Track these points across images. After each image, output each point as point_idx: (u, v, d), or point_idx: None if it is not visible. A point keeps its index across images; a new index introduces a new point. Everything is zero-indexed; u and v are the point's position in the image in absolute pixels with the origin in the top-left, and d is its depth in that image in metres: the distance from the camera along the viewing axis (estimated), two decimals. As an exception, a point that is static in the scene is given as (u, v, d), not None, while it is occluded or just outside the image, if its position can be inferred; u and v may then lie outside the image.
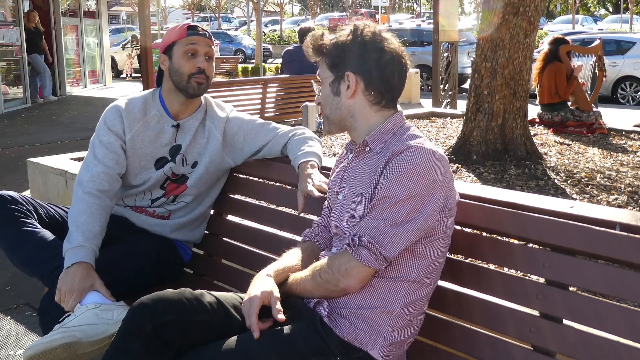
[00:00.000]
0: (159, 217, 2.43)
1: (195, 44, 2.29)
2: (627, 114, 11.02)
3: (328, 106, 1.80)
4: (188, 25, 2.34)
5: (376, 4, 24.38)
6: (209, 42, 2.34)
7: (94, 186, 2.24)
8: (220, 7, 43.78)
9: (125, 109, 2.34)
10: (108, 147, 2.30)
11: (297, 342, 1.61)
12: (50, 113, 11.31)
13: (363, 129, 1.77)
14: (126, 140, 2.32)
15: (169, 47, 2.33)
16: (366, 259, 1.61)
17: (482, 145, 5.11)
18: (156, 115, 2.35)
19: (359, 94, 1.75)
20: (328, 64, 1.78)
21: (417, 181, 1.60)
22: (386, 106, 1.77)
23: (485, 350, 1.73)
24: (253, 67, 19.43)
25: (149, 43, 8.30)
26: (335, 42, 1.76)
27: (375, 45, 1.73)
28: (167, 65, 2.33)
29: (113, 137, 2.31)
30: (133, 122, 2.33)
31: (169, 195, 2.41)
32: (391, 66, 1.74)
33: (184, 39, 2.30)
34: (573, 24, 30.80)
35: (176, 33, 2.33)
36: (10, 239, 2.21)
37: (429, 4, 43.36)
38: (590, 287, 1.60)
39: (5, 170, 6.85)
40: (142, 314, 1.66)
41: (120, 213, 2.42)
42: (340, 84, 1.76)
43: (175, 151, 2.37)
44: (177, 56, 2.30)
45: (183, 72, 2.29)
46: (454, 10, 10.29)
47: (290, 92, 7.75)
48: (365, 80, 1.74)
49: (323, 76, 1.80)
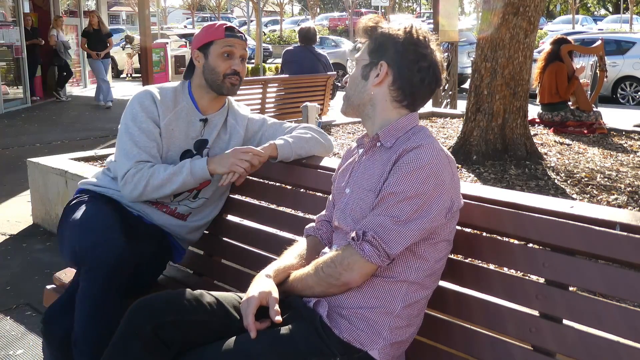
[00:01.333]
0: (178, 217, 2.41)
1: (233, 46, 2.32)
2: (627, 114, 11.02)
3: (353, 87, 1.82)
4: (226, 26, 2.35)
5: (376, 4, 24.38)
6: (244, 44, 2.36)
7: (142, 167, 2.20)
8: (220, 7, 43.80)
9: (159, 96, 2.32)
10: (148, 134, 2.26)
11: (297, 342, 1.61)
12: (50, 113, 11.31)
13: (378, 120, 1.79)
14: (161, 128, 2.30)
15: (206, 45, 2.33)
16: (369, 255, 1.61)
17: (482, 145, 5.12)
18: (185, 107, 2.35)
19: (385, 86, 1.77)
20: (370, 47, 1.80)
21: (425, 180, 1.60)
22: (406, 107, 1.78)
23: (485, 350, 1.73)
24: (253, 67, 19.43)
25: (149, 43, 8.30)
26: (386, 31, 1.78)
27: (418, 49, 1.74)
28: (202, 62, 2.34)
29: (152, 125, 2.27)
30: (166, 110, 2.31)
31: (192, 189, 2.40)
32: (424, 74, 1.75)
33: (222, 39, 2.31)
34: (573, 24, 30.80)
35: (214, 32, 2.33)
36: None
37: (429, 4, 43.36)
38: (590, 287, 1.60)
39: (5, 170, 6.85)
40: (141, 314, 1.66)
41: (138, 209, 2.36)
42: (372, 70, 1.77)
43: (201, 145, 2.37)
44: (214, 55, 2.31)
45: (219, 71, 2.31)
46: (454, 10, 10.29)
47: (290, 92, 7.75)
48: (395, 75, 1.75)
49: (360, 57, 1.82)
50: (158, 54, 13.95)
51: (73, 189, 4.41)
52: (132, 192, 2.20)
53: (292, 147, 2.32)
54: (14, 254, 4.38)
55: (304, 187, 2.39)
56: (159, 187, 2.20)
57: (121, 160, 2.24)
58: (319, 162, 2.34)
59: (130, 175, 2.20)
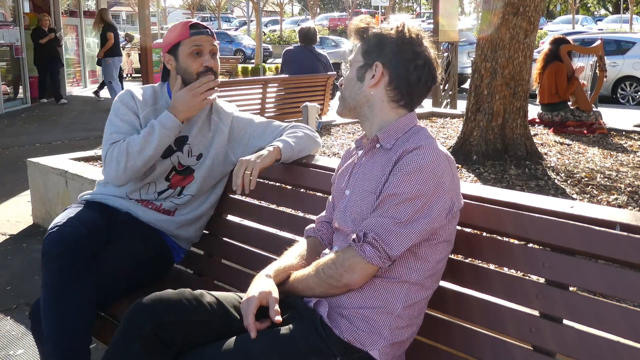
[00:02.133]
0: (165, 212, 2.42)
1: (200, 44, 2.33)
2: (627, 114, 11.02)
3: (349, 89, 1.82)
4: (190, 24, 2.35)
5: (376, 4, 24.34)
6: (211, 39, 2.37)
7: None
8: (220, 7, 43.82)
9: (137, 93, 2.39)
10: (130, 123, 2.32)
11: (297, 342, 1.61)
12: (50, 113, 11.30)
13: (376, 121, 1.78)
14: (140, 119, 2.34)
15: (174, 48, 2.35)
16: (370, 256, 1.61)
17: (482, 145, 5.12)
18: (164, 106, 2.37)
19: (381, 87, 1.76)
20: (363, 49, 1.79)
21: (426, 181, 1.60)
22: (404, 106, 1.78)
23: (485, 350, 1.73)
24: (253, 67, 19.44)
25: (149, 43, 8.30)
26: (378, 32, 1.78)
27: (413, 47, 1.74)
28: (174, 65, 2.36)
29: (134, 117, 2.33)
30: (144, 105, 2.36)
31: (175, 186, 2.42)
32: (420, 72, 1.74)
33: (188, 39, 2.32)
34: (573, 24, 30.82)
35: (179, 33, 2.34)
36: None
37: (429, 4, 43.36)
38: (590, 287, 1.60)
39: (5, 170, 6.84)
40: (141, 314, 1.66)
41: (125, 207, 2.40)
42: (367, 72, 1.77)
43: (182, 142, 2.40)
44: (184, 56, 2.33)
45: (191, 71, 2.32)
46: (454, 10, 10.30)
47: (290, 92, 7.75)
48: (391, 75, 1.75)
49: (354, 59, 1.82)
50: (158, 54, 13.96)
51: (73, 189, 4.41)
52: (116, 170, 2.22)
53: (293, 148, 2.33)
54: (14, 254, 4.38)
55: (304, 187, 2.40)
56: (139, 152, 2.22)
57: (104, 148, 2.28)
58: (319, 162, 2.34)
59: (109, 155, 2.23)
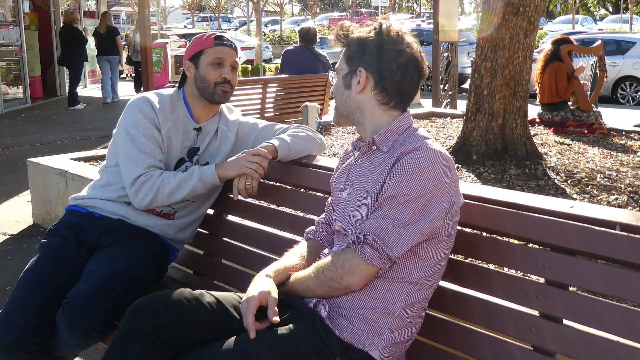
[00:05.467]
0: (164, 216, 2.42)
1: (222, 55, 2.34)
2: (627, 114, 11.01)
3: (339, 97, 1.82)
4: (215, 35, 2.38)
5: (376, 4, 24.33)
6: (234, 53, 2.39)
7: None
8: (220, 7, 43.79)
9: (154, 101, 2.34)
10: (152, 140, 2.27)
11: (297, 342, 1.61)
12: (50, 113, 11.30)
13: (369, 126, 1.78)
14: (162, 134, 2.31)
15: (196, 55, 2.36)
16: (370, 258, 1.61)
17: (482, 145, 5.11)
18: (181, 116, 2.38)
19: (368, 91, 1.75)
20: (346, 56, 1.79)
21: (425, 182, 1.60)
22: (395, 107, 1.77)
23: (485, 350, 1.73)
24: (253, 67, 19.43)
25: (149, 43, 8.30)
26: (357, 36, 1.77)
27: (393, 46, 1.73)
28: (193, 72, 2.37)
29: (156, 132, 2.29)
30: (165, 118, 2.33)
31: None
32: (405, 70, 1.73)
33: (212, 49, 2.34)
34: (573, 24, 30.80)
35: (203, 42, 2.37)
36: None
37: (429, 4, 43.35)
38: (590, 287, 1.60)
39: (5, 170, 6.84)
40: (142, 314, 1.66)
41: (118, 214, 2.36)
42: (352, 78, 1.76)
43: (193, 153, 2.40)
44: (204, 65, 2.34)
45: (209, 80, 2.33)
46: (454, 10, 10.30)
47: (290, 92, 7.74)
48: (376, 79, 1.74)
49: (339, 67, 1.81)
50: (158, 54, 13.96)
51: (73, 189, 4.41)
52: (142, 200, 2.23)
53: (290, 146, 2.33)
54: (14, 254, 4.37)
55: (304, 187, 2.40)
56: (170, 194, 2.22)
57: (129, 167, 2.24)
58: (318, 162, 2.34)
59: (140, 182, 2.21)
